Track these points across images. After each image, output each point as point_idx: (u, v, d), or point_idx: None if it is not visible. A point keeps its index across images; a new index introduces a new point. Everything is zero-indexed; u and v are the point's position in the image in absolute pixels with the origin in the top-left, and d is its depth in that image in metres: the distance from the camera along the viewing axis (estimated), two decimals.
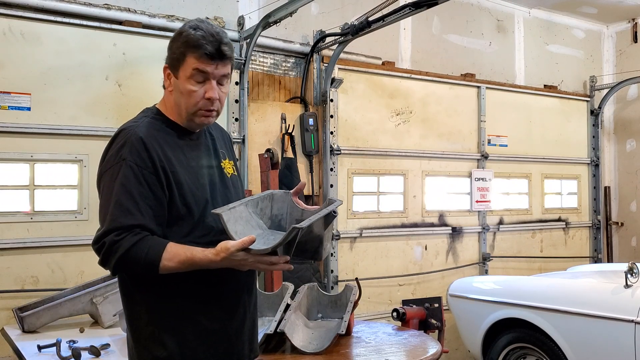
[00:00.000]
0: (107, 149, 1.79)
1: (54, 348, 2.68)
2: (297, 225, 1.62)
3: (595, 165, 6.36)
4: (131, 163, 1.70)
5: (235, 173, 2.01)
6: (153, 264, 1.65)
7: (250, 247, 1.62)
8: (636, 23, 6.50)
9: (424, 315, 3.47)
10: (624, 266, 3.60)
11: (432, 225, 5.21)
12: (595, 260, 6.31)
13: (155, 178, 1.72)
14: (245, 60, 4.16)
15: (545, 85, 6.11)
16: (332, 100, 4.58)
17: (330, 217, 1.94)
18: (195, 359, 1.78)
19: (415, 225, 5.09)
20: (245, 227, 1.78)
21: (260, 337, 2.62)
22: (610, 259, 6.49)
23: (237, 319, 1.87)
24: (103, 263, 1.69)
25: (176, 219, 1.76)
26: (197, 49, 1.77)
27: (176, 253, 1.66)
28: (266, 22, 3.89)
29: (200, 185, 1.82)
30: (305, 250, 1.91)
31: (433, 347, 2.72)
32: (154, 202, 1.71)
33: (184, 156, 1.83)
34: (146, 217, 1.69)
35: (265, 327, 2.70)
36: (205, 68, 1.79)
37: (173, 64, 1.83)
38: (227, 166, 1.97)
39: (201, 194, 1.81)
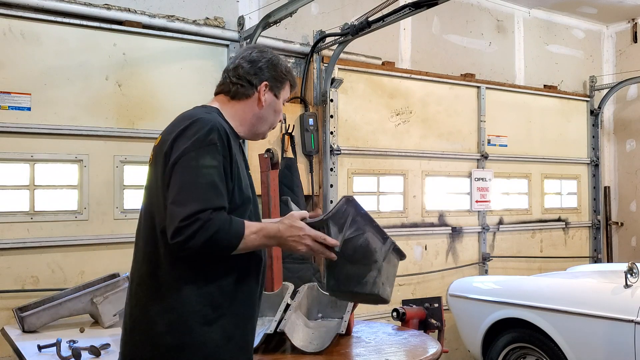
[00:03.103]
0: (182, 131, 1.81)
1: (54, 348, 2.68)
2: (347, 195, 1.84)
3: (595, 165, 6.36)
4: (220, 149, 1.80)
5: None
6: (237, 239, 1.74)
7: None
8: (636, 23, 6.50)
9: (424, 315, 3.47)
10: (624, 266, 3.60)
11: (432, 225, 5.21)
12: (595, 260, 6.31)
13: (230, 168, 1.84)
14: None
15: (545, 85, 6.11)
16: (332, 100, 4.58)
17: (396, 253, 2.11)
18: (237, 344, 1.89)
19: (415, 225, 5.09)
20: None
21: (260, 337, 2.62)
22: (610, 259, 6.49)
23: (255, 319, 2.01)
24: (188, 239, 1.68)
25: (232, 209, 1.84)
26: (294, 84, 2.12)
27: (252, 224, 1.81)
28: (266, 22, 3.89)
29: (247, 185, 1.96)
30: (351, 274, 1.96)
31: (433, 347, 2.72)
32: (226, 188, 1.83)
33: (238, 158, 1.94)
34: (227, 201, 1.81)
35: (265, 327, 2.70)
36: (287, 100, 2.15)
37: (276, 85, 2.04)
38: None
39: (248, 193, 1.94)
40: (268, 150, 4.09)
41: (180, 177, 1.76)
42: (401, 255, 2.08)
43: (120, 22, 3.87)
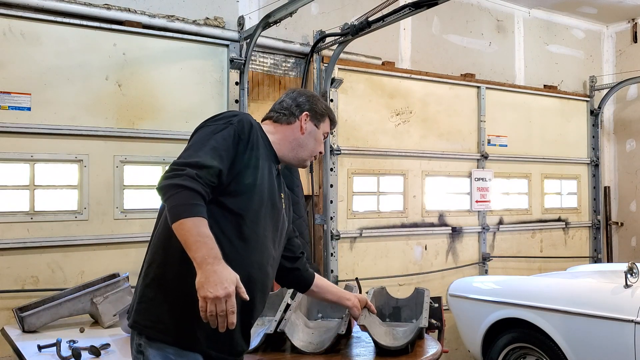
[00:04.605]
0: (211, 118, 2.01)
1: (54, 348, 2.68)
2: None
3: (595, 165, 6.36)
4: (236, 128, 1.94)
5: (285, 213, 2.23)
6: (188, 212, 1.73)
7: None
8: (636, 23, 6.50)
9: None
10: (624, 266, 3.60)
11: (432, 225, 5.21)
12: (595, 260, 6.32)
13: (244, 152, 1.94)
14: (245, 61, 4.16)
15: (545, 85, 6.11)
16: (332, 100, 4.58)
17: None
18: None
19: (415, 225, 5.09)
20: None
21: (260, 337, 2.62)
22: (610, 259, 6.49)
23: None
24: (164, 179, 1.79)
25: (241, 191, 1.93)
26: (334, 120, 2.34)
27: (208, 230, 1.75)
28: (266, 22, 3.89)
29: (265, 186, 2.02)
30: None
31: (433, 347, 2.72)
32: (230, 163, 1.91)
33: (261, 156, 2.03)
34: (226, 167, 1.89)
35: (265, 327, 2.71)
36: (329, 133, 2.36)
37: (317, 116, 2.25)
38: (283, 199, 2.22)
39: (263, 190, 2.00)
40: None
41: (190, 141, 1.94)
42: None
43: (120, 22, 3.87)
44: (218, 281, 1.67)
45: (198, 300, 1.70)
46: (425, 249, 5.16)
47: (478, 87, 5.52)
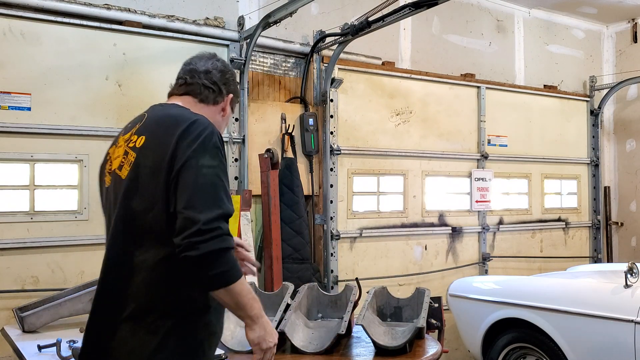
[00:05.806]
0: (183, 133, 1.77)
1: (54, 348, 2.68)
2: None
3: (595, 165, 6.36)
4: (222, 151, 1.82)
5: None
6: (238, 275, 1.72)
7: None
8: (636, 23, 6.50)
9: None
10: (624, 266, 3.61)
11: (432, 225, 5.21)
12: (595, 260, 6.32)
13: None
14: (245, 61, 4.16)
15: (545, 86, 6.11)
16: (332, 100, 4.58)
17: None
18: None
19: (415, 225, 5.09)
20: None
21: None
22: (610, 259, 6.49)
23: None
24: (203, 242, 1.65)
25: None
26: (238, 103, 2.17)
27: (245, 280, 1.79)
28: (266, 22, 3.89)
29: None
30: None
31: (433, 347, 2.72)
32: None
33: None
34: None
35: None
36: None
37: (235, 99, 2.12)
38: None
39: None
40: (268, 150, 4.10)
41: (193, 180, 1.70)
42: None
43: (120, 22, 3.87)
44: (272, 330, 1.84)
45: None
46: (425, 249, 5.16)
47: (478, 87, 5.52)
